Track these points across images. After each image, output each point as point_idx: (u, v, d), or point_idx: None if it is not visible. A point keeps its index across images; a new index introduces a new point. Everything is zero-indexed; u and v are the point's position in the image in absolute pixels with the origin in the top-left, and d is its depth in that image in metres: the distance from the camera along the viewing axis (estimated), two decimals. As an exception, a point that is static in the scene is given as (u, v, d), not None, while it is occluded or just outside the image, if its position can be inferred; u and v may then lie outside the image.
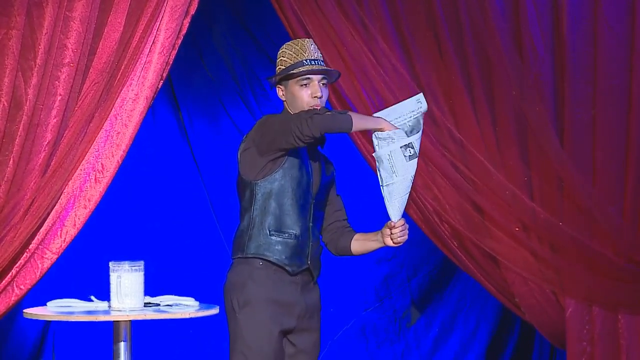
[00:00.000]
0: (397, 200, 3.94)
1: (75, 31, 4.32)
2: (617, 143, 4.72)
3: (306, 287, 4.14)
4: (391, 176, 3.91)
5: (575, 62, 4.70)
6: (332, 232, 4.24)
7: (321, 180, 4.14)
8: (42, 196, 4.30)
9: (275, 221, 4.09)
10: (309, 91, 4.06)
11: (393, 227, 4.04)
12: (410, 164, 3.90)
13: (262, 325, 4.05)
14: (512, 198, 4.67)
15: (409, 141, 3.88)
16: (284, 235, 4.09)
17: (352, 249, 4.22)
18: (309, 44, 4.11)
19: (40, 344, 5.60)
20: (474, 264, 4.77)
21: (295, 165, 4.08)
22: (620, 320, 4.73)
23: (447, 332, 5.99)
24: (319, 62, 4.08)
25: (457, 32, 4.69)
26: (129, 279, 3.87)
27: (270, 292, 4.06)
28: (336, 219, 4.24)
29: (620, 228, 4.68)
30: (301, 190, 4.09)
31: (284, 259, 4.07)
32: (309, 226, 4.11)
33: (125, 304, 3.86)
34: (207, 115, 5.92)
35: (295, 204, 4.08)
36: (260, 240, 4.10)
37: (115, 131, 4.45)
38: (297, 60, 4.06)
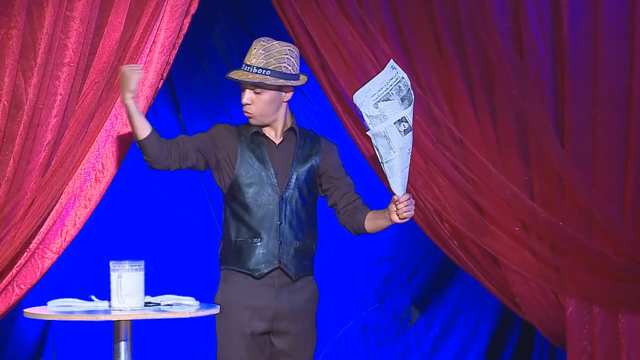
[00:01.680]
0: (399, 175, 3.95)
1: (75, 31, 4.32)
2: (618, 143, 4.72)
3: (285, 289, 4.16)
4: (389, 152, 3.91)
5: (575, 62, 4.70)
6: (346, 215, 4.27)
7: (290, 174, 4.15)
8: (43, 196, 4.30)
9: (238, 228, 4.15)
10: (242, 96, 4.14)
11: (398, 202, 4.05)
12: (407, 137, 3.90)
13: (234, 330, 4.12)
14: (512, 198, 4.67)
15: (402, 115, 3.89)
16: (247, 241, 4.13)
17: (367, 228, 4.25)
18: (254, 47, 4.11)
19: (40, 343, 5.60)
20: (474, 264, 4.77)
21: (246, 169, 4.12)
22: (620, 319, 4.73)
23: (447, 332, 5.99)
24: (249, 67, 4.09)
25: (457, 32, 4.69)
26: (129, 279, 3.87)
27: (241, 298, 4.13)
28: (347, 202, 4.26)
29: (621, 228, 4.68)
30: (259, 191, 4.12)
31: (247, 264, 4.13)
32: (276, 225, 4.12)
33: (125, 303, 3.86)
34: (207, 115, 5.92)
35: (255, 207, 4.11)
36: (227, 250, 4.19)
37: (115, 131, 4.45)
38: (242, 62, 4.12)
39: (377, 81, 3.97)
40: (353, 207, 4.26)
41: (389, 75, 3.98)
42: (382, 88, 3.95)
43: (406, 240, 5.97)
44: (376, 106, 3.93)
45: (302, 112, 5.93)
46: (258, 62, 4.11)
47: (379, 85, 3.95)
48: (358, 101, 3.95)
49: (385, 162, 3.95)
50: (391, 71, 3.98)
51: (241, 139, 4.20)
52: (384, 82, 3.95)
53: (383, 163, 3.96)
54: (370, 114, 3.87)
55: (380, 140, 3.92)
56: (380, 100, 3.94)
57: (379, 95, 3.92)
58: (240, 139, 4.20)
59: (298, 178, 4.18)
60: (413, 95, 3.99)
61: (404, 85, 3.97)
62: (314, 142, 4.28)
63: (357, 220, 4.26)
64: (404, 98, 3.95)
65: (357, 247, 5.95)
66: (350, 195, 4.28)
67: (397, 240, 5.99)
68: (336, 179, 4.27)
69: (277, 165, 4.17)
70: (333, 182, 4.26)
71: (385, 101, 3.93)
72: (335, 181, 4.26)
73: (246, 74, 4.12)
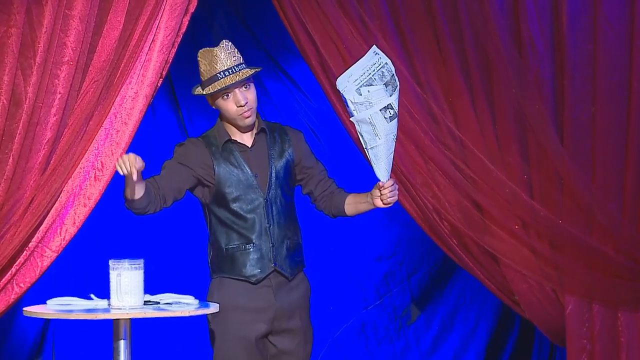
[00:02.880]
0: (384, 161, 3.94)
1: (74, 29, 4.32)
2: (617, 140, 4.72)
3: (282, 288, 4.16)
4: (374, 139, 3.91)
5: (575, 60, 4.70)
6: (323, 201, 4.27)
7: (270, 175, 4.15)
8: (42, 194, 4.30)
9: (227, 235, 4.14)
10: (232, 102, 4.08)
11: (383, 188, 4.04)
12: (392, 124, 3.89)
13: (233, 333, 4.10)
14: (511, 196, 4.67)
15: (388, 102, 3.88)
16: (239, 248, 4.13)
17: (347, 212, 4.26)
18: (220, 52, 4.08)
19: (40, 342, 5.60)
20: (474, 262, 4.77)
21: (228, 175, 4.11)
22: (620, 317, 4.73)
23: (447, 330, 5.99)
24: (234, 68, 4.07)
25: (456, 30, 4.69)
26: (128, 277, 3.86)
27: (238, 300, 4.12)
28: (323, 188, 4.27)
29: (620, 225, 4.68)
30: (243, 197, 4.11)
31: (243, 271, 4.12)
32: (266, 228, 4.12)
33: (124, 302, 3.86)
34: (206, 113, 5.91)
35: (242, 213, 4.11)
36: (219, 258, 4.17)
37: (115, 129, 4.45)
38: (212, 74, 4.07)
39: (359, 66, 3.95)
40: (329, 192, 4.27)
41: (372, 60, 3.95)
42: (365, 73, 3.93)
43: (406, 238, 5.97)
44: (359, 92, 3.91)
45: (302, 111, 5.93)
46: (234, 61, 4.09)
47: (361, 70, 3.93)
48: (341, 87, 3.93)
49: (370, 148, 3.93)
50: (374, 56, 3.96)
51: (212, 149, 4.16)
52: (366, 67, 3.92)
53: (367, 149, 3.95)
54: (355, 100, 3.86)
55: (365, 127, 3.90)
56: (363, 85, 3.92)
57: (361, 81, 3.90)
58: (212, 149, 4.16)
59: (278, 176, 4.17)
60: (397, 82, 3.96)
61: (388, 71, 3.95)
62: (282, 134, 4.26)
63: (336, 204, 4.26)
64: (388, 84, 3.93)
65: (357, 245, 5.95)
66: (325, 181, 4.28)
67: (397, 238, 5.99)
68: (309, 168, 4.27)
69: (254, 168, 4.15)
70: (307, 172, 4.26)
71: (368, 86, 3.91)
72: (309, 170, 4.26)
73: (236, 75, 4.08)
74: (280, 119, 5.89)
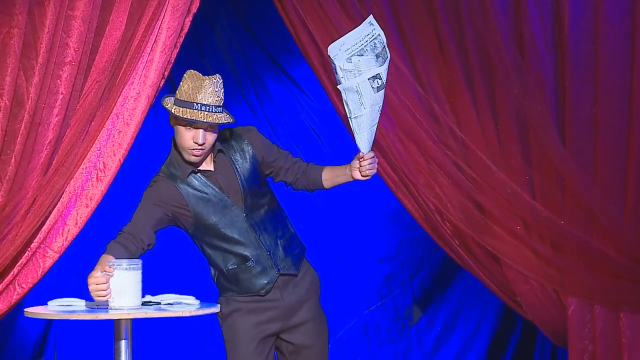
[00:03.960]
0: (366, 132, 3.92)
1: (76, 30, 4.32)
2: (619, 141, 4.71)
3: (288, 285, 4.17)
4: (359, 108, 3.89)
5: (576, 60, 4.70)
6: (299, 183, 4.27)
7: (241, 185, 4.13)
8: (44, 195, 4.30)
9: (224, 257, 4.15)
10: (190, 135, 4.04)
11: (362, 159, 4.02)
12: (379, 95, 3.87)
13: (243, 335, 4.11)
14: (513, 196, 4.67)
15: (377, 72, 3.86)
16: (240, 267, 4.13)
17: (325, 185, 4.25)
18: (208, 86, 4.00)
19: (41, 342, 5.61)
20: (476, 263, 4.77)
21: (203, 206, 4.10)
22: (621, 318, 4.73)
23: (448, 331, 5.99)
24: (213, 107, 4.00)
25: (458, 31, 4.69)
26: (126, 278, 3.86)
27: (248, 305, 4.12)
28: (294, 173, 4.25)
29: (622, 226, 4.68)
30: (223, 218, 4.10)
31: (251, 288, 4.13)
32: (256, 239, 4.12)
33: (122, 302, 3.85)
34: (208, 114, 5.91)
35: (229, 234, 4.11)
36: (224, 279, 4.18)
37: (117, 130, 4.45)
38: (190, 99, 4.01)
39: (352, 36, 3.93)
40: (302, 173, 4.25)
41: (366, 31, 3.94)
42: (357, 43, 3.91)
43: (408, 239, 5.97)
44: (350, 60, 3.89)
45: (304, 111, 5.94)
46: (215, 101, 4.01)
47: (353, 40, 3.91)
48: (332, 53, 3.91)
49: (354, 117, 3.92)
50: (368, 27, 3.94)
51: (178, 183, 4.10)
52: (359, 37, 3.90)
53: (351, 118, 3.93)
54: (344, 67, 3.84)
55: (351, 95, 3.88)
56: (354, 55, 3.91)
57: (352, 50, 3.88)
58: (178, 183, 4.11)
59: (250, 186, 4.14)
60: (388, 54, 3.93)
61: (380, 42, 3.93)
62: (237, 140, 4.20)
63: (312, 180, 4.24)
64: (379, 55, 3.92)
65: (359, 246, 5.96)
66: (293, 165, 4.25)
67: (399, 240, 6.00)
68: (275, 161, 4.24)
69: (224, 188, 4.13)
70: (273, 165, 4.24)
71: (359, 56, 3.90)
72: (275, 163, 4.24)
73: (210, 115, 4.00)
74: (282, 120, 5.90)
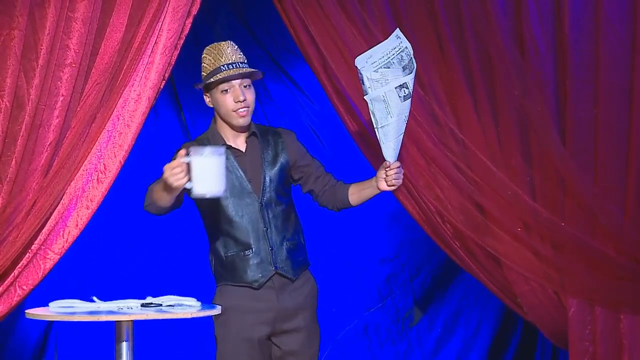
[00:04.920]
0: (393, 141, 3.95)
1: (77, 32, 4.32)
2: (619, 142, 4.72)
3: (285, 289, 4.16)
4: (386, 117, 3.92)
5: (577, 61, 4.70)
6: (325, 196, 4.27)
7: (264, 178, 4.15)
8: (45, 196, 4.30)
9: (225, 242, 4.14)
10: (231, 97, 4.08)
11: (389, 169, 4.04)
12: (405, 104, 3.91)
13: (234, 335, 4.11)
14: (514, 198, 4.67)
15: (404, 81, 3.89)
16: (239, 254, 4.13)
17: (352, 201, 4.25)
18: (226, 47, 4.10)
19: (42, 344, 5.61)
20: (476, 264, 4.77)
21: None
22: (622, 320, 4.73)
23: (449, 332, 5.99)
24: (238, 64, 4.07)
25: (458, 32, 4.69)
26: (207, 164, 3.76)
27: (241, 303, 4.13)
28: (323, 183, 4.27)
29: (622, 227, 4.68)
30: (238, 202, 4.11)
31: (244, 277, 4.12)
32: (263, 232, 4.12)
33: (204, 189, 3.78)
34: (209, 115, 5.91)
35: (238, 219, 4.11)
36: (220, 266, 4.17)
37: (117, 131, 4.45)
38: (215, 66, 4.07)
39: (380, 49, 3.97)
40: (330, 186, 4.28)
41: (393, 44, 3.96)
42: (384, 56, 3.94)
43: (408, 240, 5.98)
44: (376, 72, 3.93)
45: (304, 113, 5.94)
46: (239, 58, 4.10)
47: (380, 53, 3.95)
48: (359, 65, 3.95)
49: (380, 127, 3.94)
50: (395, 40, 3.97)
51: None
52: (386, 50, 3.94)
53: (378, 128, 3.95)
54: (372, 77, 3.87)
55: (378, 105, 3.91)
56: (381, 67, 3.94)
57: (379, 63, 3.92)
58: None
59: (272, 180, 4.16)
60: (415, 65, 3.98)
61: (407, 54, 3.97)
62: (275, 138, 4.25)
63: (340, 197, 4.26)
64: (406, 67, 3.95)
65: (359, 247, 5.96)
66: (324, 176, 4.29)
67: (399, 241, 6.00)
68: (306, 166, 4.28)
69: (248, 172, 4.15)
70: (304, 170, 4.27)
71: (386, 68, 3.93)
72: (306, 168, 4.27)
73: (239, 69, 4.08)
74: (283, 121, 5.90)
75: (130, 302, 4.05)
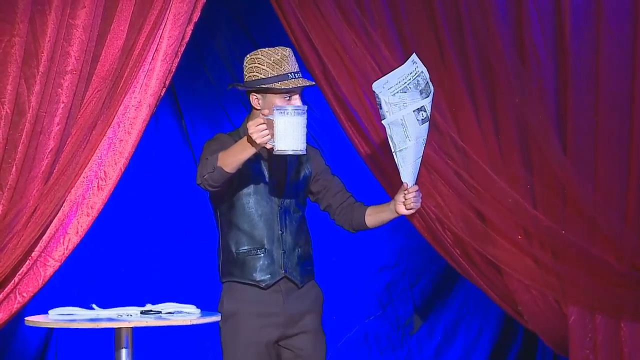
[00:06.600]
0: (411, 164, 3.95)
1: (78, 39, 4.32)
2: (620, 150, 4.72)
3: (292, 294, 4.16)
4: (404, 141, 3.92)
5: (577, 69, 4.70)
6: (342, 214, 4.25)
7: (286, 183, 4.15)
8: (45, 204, 4.30)
9: (239, 239, 4.13)
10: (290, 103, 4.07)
11: (407, 192, 4.03)
12: (423, 127, 3.91)
13: (243, 338, 4.10)
14: (514, 205, 4.67)
15: (422, 104, 3.90)
16: (250, 252, 4.12)
17: (368, 223, 4.23)
18: (290, 54, 4.11)
19: (42, 351, 5.60)
20: (477, 272, 4.76)
21: (247, 178, 4.09)
22: (622, 328, 4.72)
23: (449, 340, 5.99)
24: (299, 74, 4.09)
25: (459, 39, 4.69)
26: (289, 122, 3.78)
27: (249, 306, 4.11)
28: (341, 200, 4.26)
29: (623, 234, 4.67)
30: (259, 201, 4.11)
31: (253, 276, 4.11)
32: (278, 235, 4.11)
33: (285, 145, 3.79)
34: (209, 122, 5.92)
35: (256, 217, 4.10)
36: (229, 262, 4.16)
37: (118, 139, 4.45)
38: (281, 72, 4.06)
39: (396, 74, 3.97)
40: (348, 205, 4.27)
41: (409, 69, 3.97)
42: (401, 81, 3.95)
43: (408, 247, 5.97)
44: (394, 95, 3.93)
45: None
46: (296, 67, 4.14)
47: (397, 79, 3.95)
48: (377, 90, 3.96)
49: (398, 150, 3.94)
50: (411, 65, 3.97)
51: None
52: (402, 75, 3.94)
53: (396, 152, 3.95)
54: (389, 101, 3.88)
55: (396, 129, 3.92)
56: (398, 92, 3.94)
57: (396, 88, 3.92)
58: None
59: (293, 187, 4.18)
60: (432, 88, 3.99)
61: (423, 79, 3.97)
62: None
63: (356, 217, 4.25)
64: (422, 91, 3.96)
65: (359, 254, 5.96)
66: (343, 193, 4.29)
67: (399, 248, 6.00)
68: (327, 181, 4.28)
69: (274, 175, 4.16)
70: (324, 184, 4.27)
71: (403, 93, 3.93)
72: (326, 183, 4.28)
73: (304, 80, 4.11)
74: (283, 128, 5.89)
75: (129, 310, 4.06)
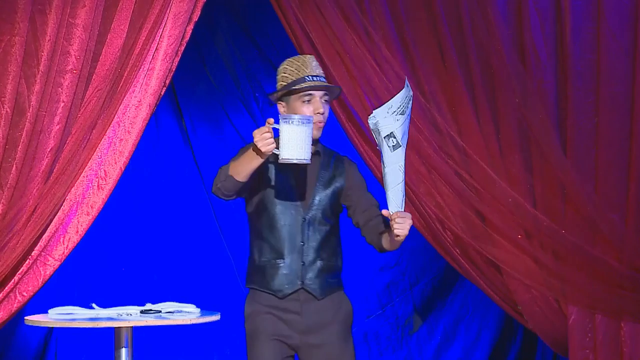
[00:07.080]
0: (391, 191, 3.88)
1: (78, 38, 4.33)
2: (620, 150, 4.72)
3: (310, 304, 4.13)
4: (383, 167, 3.89)
5: (578, 70, 4.70)
6: (368, 234, 4.20)
7: (313, 196, 4.13)
8: (45, 203, 4.30)
9: (262, 248, 4.12)
10: (311, 107, 4.06)
11: (391, 219, 3.98)
12: (395, 154, 3.84)
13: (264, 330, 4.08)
14: (514, 205, 4.67)
15: (390, 131, 3.85)
16: (270, 262, 4.11)
17: (384, 246, 4.18)
18: (311, 60, 4.11)
19: (42, 350, 5.61)
20: (477, 272, 4.77)
21: (274, 188, 4.08)
22: (622, 328, 4.72)
23: (449, 340, 5.99)
24: (321, 78, 4.09)
25: (459, 40, 4.69)
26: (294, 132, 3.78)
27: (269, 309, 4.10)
28: (368, 219, 4.18)
29: (623, 235, 4.67)
30: (284, 211, 4.09)
31: (271, 285, 4.10)
32: (299, 246, 4.10)
33: (290, 154, 3.80)
34: (209, 122, 5.93)
35: (279, 227, 4.09)
36: (252, 270, 4.17)
37: (118, 138, 4.45)
38: (299, 76, 4.06)
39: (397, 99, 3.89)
40: (374, 225, 4.19)
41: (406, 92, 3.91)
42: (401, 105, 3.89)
43: (409, 248, 5.97)
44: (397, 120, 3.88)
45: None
46: (321, 73, 4.11)
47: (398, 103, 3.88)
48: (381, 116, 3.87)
49: (382, 176, 3.92)
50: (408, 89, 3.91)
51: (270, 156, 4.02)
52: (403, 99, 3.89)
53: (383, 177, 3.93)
54: (372, 127, 3.86)
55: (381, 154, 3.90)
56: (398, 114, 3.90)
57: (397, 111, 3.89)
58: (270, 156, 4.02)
59: (321, 200, 4.14)
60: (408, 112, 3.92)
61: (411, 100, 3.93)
62: (337, 163, 4.22)
63: (378, 239, 4.20)
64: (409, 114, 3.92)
65: (360, 255, 5.95)
66: (371, 212, 4.20)
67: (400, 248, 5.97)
68: (357, 197, 4.21)
69: (301, 186, 4.13)
70: (353, 199, 4.20)
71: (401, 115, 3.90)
72: (356, 198, 4.20)
73: (324, 82, 4.09)
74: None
75: (129, 309, 4.06)
